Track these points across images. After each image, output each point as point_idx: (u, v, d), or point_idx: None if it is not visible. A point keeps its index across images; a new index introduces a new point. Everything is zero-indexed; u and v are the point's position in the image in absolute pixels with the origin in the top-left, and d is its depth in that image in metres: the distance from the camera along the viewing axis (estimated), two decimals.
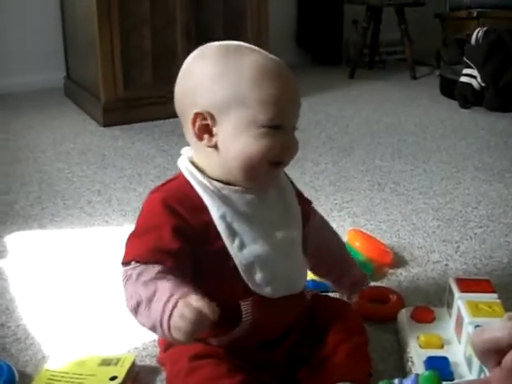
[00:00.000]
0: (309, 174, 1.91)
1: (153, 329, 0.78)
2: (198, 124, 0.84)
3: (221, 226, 0.84)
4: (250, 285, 0.85)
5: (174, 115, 0.90)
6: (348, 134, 2.37)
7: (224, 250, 0.84)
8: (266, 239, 0.86)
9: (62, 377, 0.97)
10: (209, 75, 0.83)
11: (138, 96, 2.47)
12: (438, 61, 3.33)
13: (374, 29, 3.52)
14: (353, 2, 3.49)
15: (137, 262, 0.80)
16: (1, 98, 2.87)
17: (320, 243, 1.02)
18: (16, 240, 1.49)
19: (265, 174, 0.86)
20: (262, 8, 2.68)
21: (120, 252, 0.87)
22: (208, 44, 0.88)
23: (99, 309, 1.19)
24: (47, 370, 0.99)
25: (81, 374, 0.97)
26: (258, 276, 0.85)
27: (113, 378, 0.95)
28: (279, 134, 0.83)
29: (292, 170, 0.89)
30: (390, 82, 3.27)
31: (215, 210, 0.84)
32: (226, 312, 0.79)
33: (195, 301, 0.72)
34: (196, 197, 0.84)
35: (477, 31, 2.75)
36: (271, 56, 0.86)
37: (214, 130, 0.84)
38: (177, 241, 0.81)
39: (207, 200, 0.84)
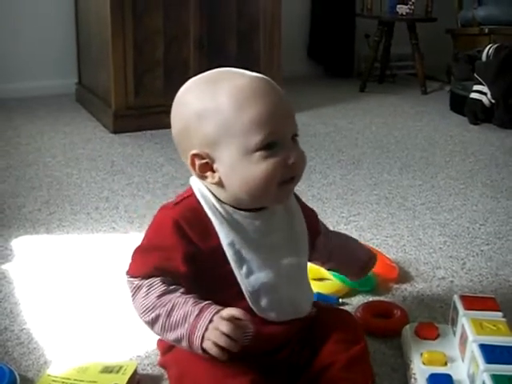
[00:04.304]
0: (316, 186, 1.91)
1: (176, 341, 0.81)
2: (197, 164, 0.85)
3: (229, 253, 0.85)
4: (255, 310, 0.86)
5: None
6: (357, 147, 2.37)
7: (231, 274, 0.85)
8: (272, 266, 0.87)
9: (63, 383, 0.97)
10: (195, 111, 0.84)
11: (148, 104, 2.49)
12: (449, 76, 3.33)
13: (385, 43, 3.53)
14: (365, 17, 3.50)
15: (143, 278, 0.83)
16: (13, 102, 2.89)
17: (330, 249, 1.04)
18: (23, 244, 1.50)
19: (275, 193, 0.85)
20: (275, 20, 2.69)
21: (126, 260, 0.87)
22: (193, 78, 0.89)
23: (103, 315, 1.19)
24: (49, 376, 0.99)
25: (82, 381, 0.97)
26: (264, 302, 0.86)
27: None
28: (278, 152, 0.82)
29: (300, 182, 0.89)
30: (400, 97, 3.27)
31: (224, 237, 0.85)
32: None
33: (226, 314, 0.76)
34: (207, 220, 0.85)
35: (488, 48, 2.76)
36: (252, 76, 0.85)
37: (215, 166, 0.84)
38: (185, 266, 0.83)
39: (217, 225, 0.85)
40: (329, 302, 1.16)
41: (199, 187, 0.88)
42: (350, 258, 1.09)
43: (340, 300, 1.22)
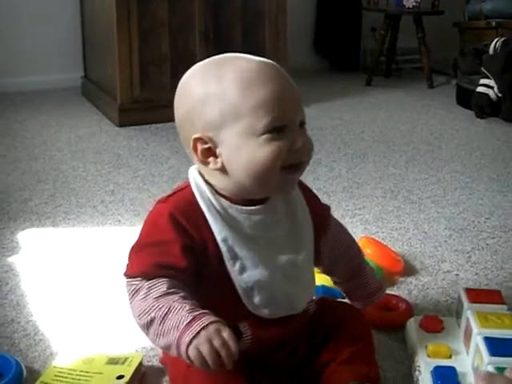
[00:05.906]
0: (322, 179, 1.91)
1: (167, 348, 0.77)
2: (199, 149, 0.82)
3: (223, 249, 0.82)
4: (248, 307, 0.84)
5: None
6: (363, 140, 2.37)
7: (224, 270, 0.83)
8: (267, 263, 0.85)
9: (69, 374, 0.98)
10: (199, 97, 0.82)
11: (154, 97, 2.49)
12: (455, 70, 3.32)
13: (391, 37, 3.51)
14: (371, 10, 3.49)
15: (143, 278, 0.79)
16: (19, 96, 2.90)
17: (337, 255, 1.00)
18: (29, 237, 1.51)
19: (279, 180, 0.82)
20: (281, 12, 2.68)
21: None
22: (198, 63, 0.87)
23: (109, 307, 1.20)
24: (55, 367, 1.00)
25: (88, 372, 0.98)
26: (257, 299, 0.84)
27: (120, 377, 0.96)
28: (285, 137, 0.80)
29: (305, 175, 0.88)
30: (406, 90, 3.26)
31: (218, 232, 0.82)
32: None
33: (226, 333, 0.72)
34: (201, 213, 0.83)
35: (495, 41, 2.74)
36: (258, 60, 0.83)
37: (217, 151, 0.82)
38: (184, 259, 0.80)
39: (211, 220, 0.82)
40: (333, 294, 1.16)
41: (195, 179, 0.86)
42: (358, 277, 1.02)
43: None
